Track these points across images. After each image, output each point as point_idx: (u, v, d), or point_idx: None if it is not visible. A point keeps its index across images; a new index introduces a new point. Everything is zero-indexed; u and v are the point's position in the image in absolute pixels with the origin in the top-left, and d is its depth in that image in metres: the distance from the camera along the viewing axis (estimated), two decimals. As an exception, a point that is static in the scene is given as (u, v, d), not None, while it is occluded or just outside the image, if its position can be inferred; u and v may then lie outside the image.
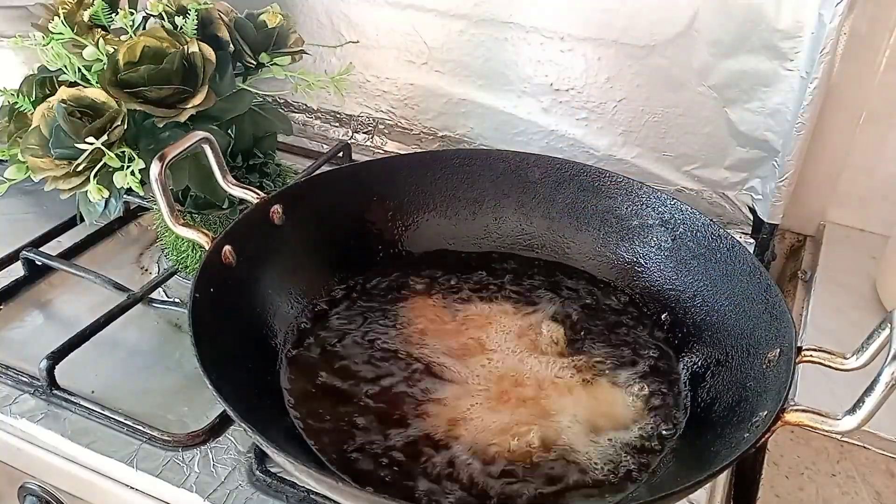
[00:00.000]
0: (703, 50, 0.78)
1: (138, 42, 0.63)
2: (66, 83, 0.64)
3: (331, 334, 0.64)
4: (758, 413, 0.49)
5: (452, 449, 0.54)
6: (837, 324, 0.72)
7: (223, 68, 0.66)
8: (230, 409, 0.46)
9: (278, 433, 0.54)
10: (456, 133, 0.96)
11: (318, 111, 1.03)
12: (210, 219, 0.72)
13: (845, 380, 0.48)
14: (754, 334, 0.57)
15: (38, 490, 0.65)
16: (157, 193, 0.57)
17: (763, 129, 0.79)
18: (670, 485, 0.48)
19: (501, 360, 0.62)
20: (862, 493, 0.58)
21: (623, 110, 0.85)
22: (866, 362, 0.47)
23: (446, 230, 0.74)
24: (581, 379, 0.61)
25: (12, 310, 0.73)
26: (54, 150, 0.61)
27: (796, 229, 0.89)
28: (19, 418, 0.62)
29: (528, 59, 0.87)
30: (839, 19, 0.68)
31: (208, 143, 0.59)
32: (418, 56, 0.92)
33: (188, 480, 0.57)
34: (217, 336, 0.53)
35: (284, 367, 0.61)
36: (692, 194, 0.87)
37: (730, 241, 0.63)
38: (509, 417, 0.57)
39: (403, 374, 0.60)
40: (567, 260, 0.73)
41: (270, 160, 0.75)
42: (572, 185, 0.72)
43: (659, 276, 0.68)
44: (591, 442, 0.55)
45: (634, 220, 0.70)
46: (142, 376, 0.66)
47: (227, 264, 0.59)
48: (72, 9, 0.68)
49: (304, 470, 0.45)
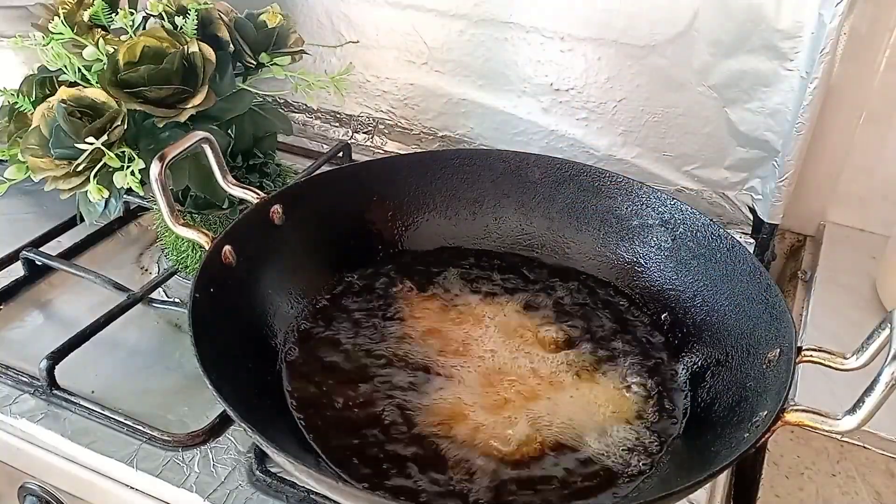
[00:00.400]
0: (703, 50, 0.78)
1: (138, 42, 0.63)
2: (66, 83, 0.64)
3: (331, 334, 0.64)
4: (758, 413, 0.49)
5: (452, 447, 0.54)
6: (837, 324, 0.72)
7: (223, 68, 0.66)
8: (230, 409, 0.46)
9: (278, 433, 0.53)
10: (456, 133, 0.96)
11: (318, 111, 1.03)
12: (210, 219, 0.72)
13: (845, 380, 0.48)
14: (754, 334, 0.57)
15: (38, 490, 0.65)
16: (157, 193, 0.57)
17: (763, 129, 0.79)
18: (670, 485, 0.48)
19: (501, 360, 0.62)
20: (862, 493, 0.58)
21: (623, 110, 0.85)
22: (866, 362, 0.47)
23: (446, 230, 0.74)
24: (580, 378, 0.61)
25: (12, 310, 0.73)
26: (54, 150, 0.61)
27: (796, 229, 0.89)
28: (19, 418, 0.62)
29: (528, 59, 0.87)
30: (839, 19, 0.68)
31: (208, 143, 0.59)
32: (418, 56, 0.92)
33: (188, 480, 0.57)
34: (217, 336, 0.53)
35: (284, 366, 0.60)
36: (692, 194, 0.87)
37: (730, 241, 0.63)
38: (509, 416, 0.57)
39: (403, 373, 0.60)
40: (567, 260, 0.73)
41: (270, 160, 0.75)
42: (572, 185, 0.72)
43: (659, 276, 0.68)
44: (591, 442, 0.55)
45: (634, 220, 0.70)
46: (142, 376, 0.66)
47: (227, 264, 0.59)
48: (72, 9, 0.68)
49: (304, 470, 0.45)
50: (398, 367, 0.61)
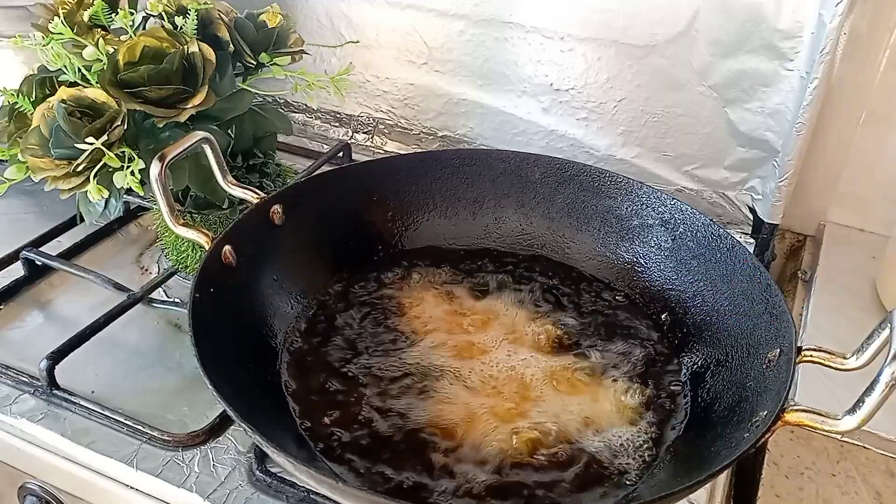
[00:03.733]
0: (703, 50, 0.78)
1: (138, 42, 0.63)
2: (66, 83, 0.64)
3: (331, 334, 0.64)
4: (758, 413, 0.49)
5: (452, 447, 0.54)
6: (837, 324, 0.72)
7: (223, 68, 0.66)
8: (230, 409, 0.46)
9: (278, 433, 0.54)
10: (456, 133, 0.96)
11: (318, 111, 1.03)
12: (210, 219, 0.72)
13: (845, 380, 0.48)
14: (754, 334, 0.57)
15: (38, 490, 0.65)
16: (157, 193, 0.57)
17: (763, 129, 0.79)
18: (670, 485, 0.48)
19: (501, 359, 0.62)
20: (862, 493, 0.58)
21: (623, 110, 0.85)
22: (866, 362, 0.47)
23: (446, 230, 0.74)
24: (580, 378, 0.61)
25: (12, 310, 0.73)
26: (54, 150, 0.61)
27: (796, 229, 0.89)
28: (19, 418, 0.62)
29: (528, 59, 0.87)
30: (839, 19, 0.68)
31: (208, 143, 0.59)
32: (418, 56, 0.92)
33: (188, 480, 0.57)
34: (217, 336, 0.53)
35: (284, 366, 0.61)
36: (692, 194, 0.87)
37: (730, 241, 0.63)
38: (509, 416, 0.57)
39: (403, 373, 0.60)
40: (567, 260, 0.73)
41: (270, 160, 0.75)
42: (572, 185, 0.72)
43: (659, 276, 0.68)
44: (591, 441, 0.55)
45: (634, 220, 0.70)
46: (142, 376, 0.66)
47: (227, 264, 0.59)
48: (72, 9, 0.68)
49: (304, 470, 0.45)
50: (398, 367, 0.61)
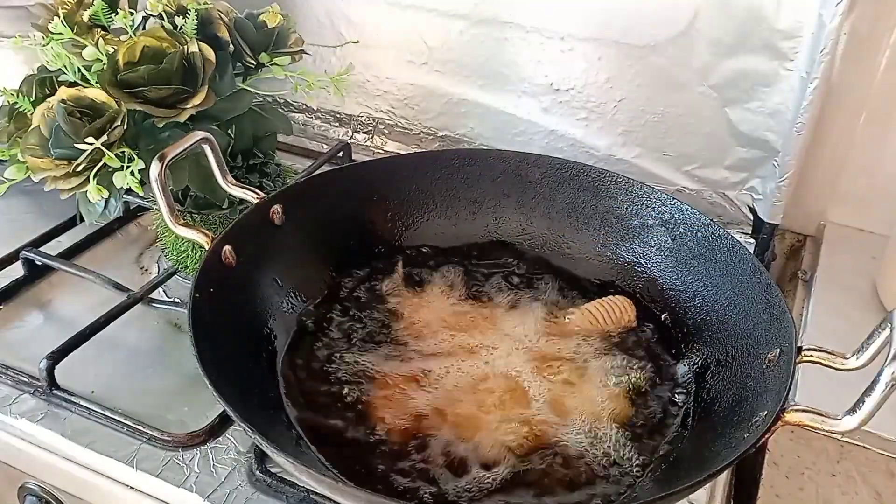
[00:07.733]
0: (703, 50, 0.78)
1: (138, 42, 0.63)
2: (66, 83, 0.64)
3: (331, 334, 0.64)
4: (758, 413, 0.49)
5: (452, 447, 0.54)
6: (837, 324, 0.72)
7: (223, 68, 0.66)
8: (230, 409, 0.46)
9: (278, 433, 0.54)
10: (456, 133, 0.96)
11: (318, 111, 1.03)
12: (210, 219, 0.72)
13: (845, 380, 0.48)
14: (754, 334, 0.57)
15: (38, 490, 0.65)
16: (157, 193, 0.57)
17: (763, 129, 0.79)
18: (670, 485, 0.48)
19: (500, 359, 0.62)
20: (862, 493, 0.58)
21: (623, 110, 0.85)
22: (866, 362, 0.47)
23: (446, 230, 0.74)
24: (580, 379, 0.61)
25: (12, 310, 0.73)
26: (54, 150, 0.61)
27: (796, 229, 0.89)
28: (19, 418, 0.62)
29: (528, 59, 0.87)
30: (839, 19, 0.68)
31: (208, 143, 0.59)
32: (418, 56, 0.92)
33: (188, 480, 0.57)
34: (217, 336, 0.53)
35: (284, 367, 0.60)
36: (692, 194, 0.87)
37: (730, 241, 0.63)
38: (508, 416, 0.57)
39: (403, 373, 0.60)
40: (567, 260, 0.73)
41: (270, 160, 0.75)
42: (572, 185, 0.72)
43: (659, 277, 0.68)
44: (591, 441, 0.55)
45: (634, 220, 0.70)
46: (142, 376, 0.66)
47: (227, 264, 0.59)
48: (72, 9, 0.68)
49: (304, 470, 0.45)
50: (398, 367, 0.61)
